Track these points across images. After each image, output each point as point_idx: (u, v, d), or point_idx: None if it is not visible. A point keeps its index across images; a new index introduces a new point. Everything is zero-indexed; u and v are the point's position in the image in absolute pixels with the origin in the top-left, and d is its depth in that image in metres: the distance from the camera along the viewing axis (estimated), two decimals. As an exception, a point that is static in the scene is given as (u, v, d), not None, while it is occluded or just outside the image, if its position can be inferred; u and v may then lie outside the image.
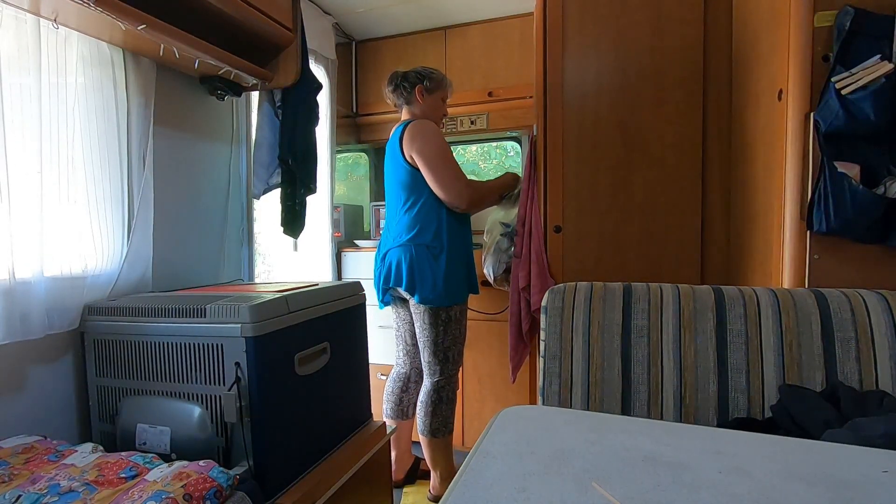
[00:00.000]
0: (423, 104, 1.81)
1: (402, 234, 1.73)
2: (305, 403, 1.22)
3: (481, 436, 0.63)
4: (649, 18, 1.52)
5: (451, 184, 1.66)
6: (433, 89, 1.82)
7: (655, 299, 1.01)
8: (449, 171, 1.67)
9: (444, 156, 1.68)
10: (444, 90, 1.85)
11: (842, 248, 1.03)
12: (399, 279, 1.71)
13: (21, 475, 0.94)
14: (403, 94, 1.81)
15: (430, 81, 1.81)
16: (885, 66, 0.94)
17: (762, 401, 0.92)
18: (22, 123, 1.11)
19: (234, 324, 1.06)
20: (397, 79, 1.82)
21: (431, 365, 1.76)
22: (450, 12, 2.35)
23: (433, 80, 1.81)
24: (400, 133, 1.73)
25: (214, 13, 1.33)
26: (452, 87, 1.89)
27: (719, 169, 1.50)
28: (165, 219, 1.49)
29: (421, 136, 1.69)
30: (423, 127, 1.71)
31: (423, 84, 1.80)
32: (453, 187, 1.66)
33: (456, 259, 1.72)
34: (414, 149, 1.68)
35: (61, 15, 1.12)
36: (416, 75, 1.81)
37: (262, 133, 1.75)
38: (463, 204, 1.68)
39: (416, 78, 1.80)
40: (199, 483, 0.89)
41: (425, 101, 1.81)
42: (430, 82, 1.81)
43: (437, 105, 1.85)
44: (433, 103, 1.83)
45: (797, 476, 0.52)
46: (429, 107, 1.82)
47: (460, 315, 1.76)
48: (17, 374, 1.14)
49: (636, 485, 0.51)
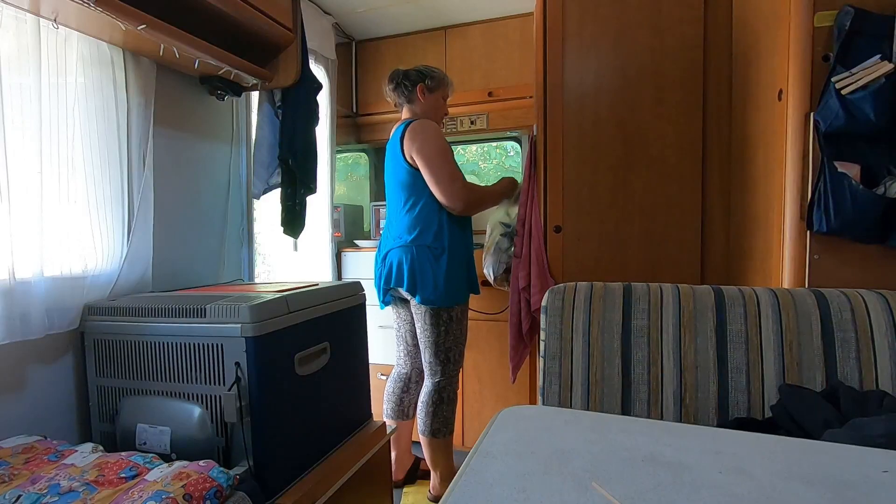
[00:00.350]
0: (424, 103, 1.80)
1: (403, 235, 1.72)
2: (305, 403, 1.22)
3: (481, 436, 0.63)
4: (649, 18, 1.52)
5: (448, 185, 1.66)
6: (434, 88, 1.81)
7: (655, 299, 1.01)
8: (447, 172, 1.67)
9: (443, 156, 1.68)
10: (445, 89, 1.85)
11: (842, 248, 1.03)
12: (400, 280, 1.71)
13: (21, 475, 0.94)
14: (404, 93, 1.80)
15: (431, 80, 1.80)
16: (885, 66, 0.94)
17: (762, 401, 0.92)
18: (22, 123, 1.11)
19: (234, 324, 1.06)
20: (398, 77, 1.81)
21: (433, 365, 1.75)
22: (450, 12, 2.35)
23: (434, 79, 1.81)
24: (401, 133, 1.72)
25: (214, 13, 1.33)
26: (453, 86, 1.89)
27: (719, 169, 1.50)
28: (165, 219, 1.49)
29: (422, 135, 1.68)
30: (424, 127, 1.70)
31: (424, 83, 1.79)
32: (450, 188, 1.66)
33: (457, 259, 1.72)
34: (414, 149, 1.67)
35: (61, 15, 1.12)
36: (418, 74, 1.80)
37: (263, 133, 1.75)
38: (459, 206, 1.67)
39: (418, 76, 1.79)
40: (199, 483, 0.89)
41: (426, 100, 1.80)
42: (431, 81, 1.80)
43: (439, 104, 1.84)
44: (434, 102, 1.82)
45: (797, 476, 0.52)
46: (430, 106, 1.81)
47: (461, 315, 1.76)
48: (17, 374, 1.14)
49: (636, 485, 0.51)
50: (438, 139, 1.69)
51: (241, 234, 1.82)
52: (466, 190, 1.68)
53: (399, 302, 1.85)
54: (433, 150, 1.67)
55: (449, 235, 1.70)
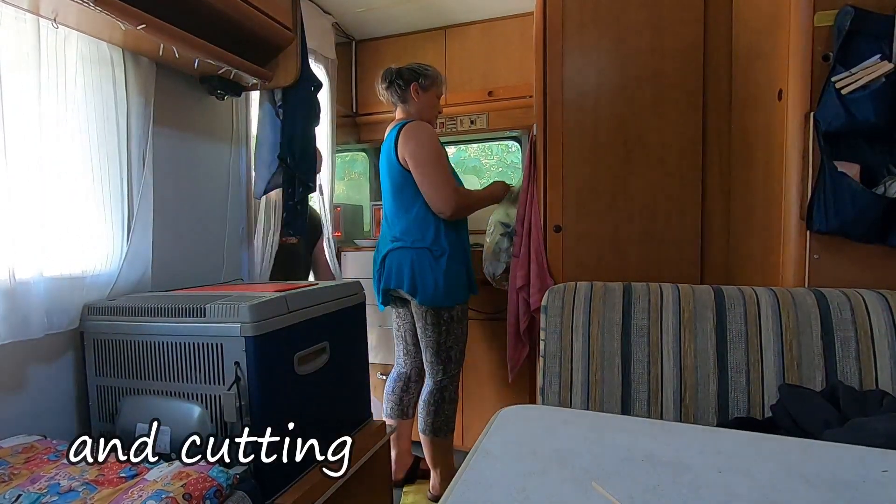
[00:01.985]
0: (418, 102, 1.78)
1: (402, 237, 1.72)
2: (305, 403, 1.22)
3: (481, 436, 0.63)
4: (649, 18, 1.52)
5: (438, 190, 1.65)
6: (428, 87, 1.79)
7: (655, 299, 1.01)
8: (437, 176, 1.66)
9: (435, 161, 1.67)
10: (439, 87, 1.83)
11: (842, 248, 1.03)
12: (400, 281, 1.70)
13: (21, 475, 0.94)
14: (398, 92, 1.78)
15: (425, 79, 1.78)
16: (885, 65, 0.94)
17: (762, 401, 0.92)
18: (22, 123, 1.11)
19: (234, 323, 1.06)
20: (391, 75, 1.79)
21: (434, 365, 1.75)
22: (450, 12, 2.34)
23: (428, 78, 1.79)
24: (395, 135, 1.72)
25: (214, 13, 1.33)
26: (447, 84, 1.86)
27: (719, 169, 1.50)
28: (165, 219, 1.49)
29: (415, 138, 1.67)
30: (418, 130, 1.69)
31: (418, 81, 1.77)
32: (440, 194, 1.65)
33: (456, 260, 1.72)
34: (407, 151, 1.67)
35: (61, 14, 1.12)
36: (411, 72, 1.78)
37: (264, 132, 1.74)
38: (448, 210, 1.66)
39: (411, 75, 1.77)
40: (199, 482, 0.89)
41: (420, 100, 1.78)
42: (425, 80, 1.78)
43: (433, 103, 1.82)
44: (428, 101, 1.80)
45: (797, 476, 0.52)
46: (424, 105, 1.79)
47: (462, 315, 1.76)
48: (16, 374, 1.14)
49: (636, 485, 0.51)
50: (432, 142, 1.68)
51: (241, 233, 1.82)
52: (456, 195, 1.67)
53: (398, 302, 1.85)
54: (425, 155, 1.66)
55: (446, 237, 1.70)
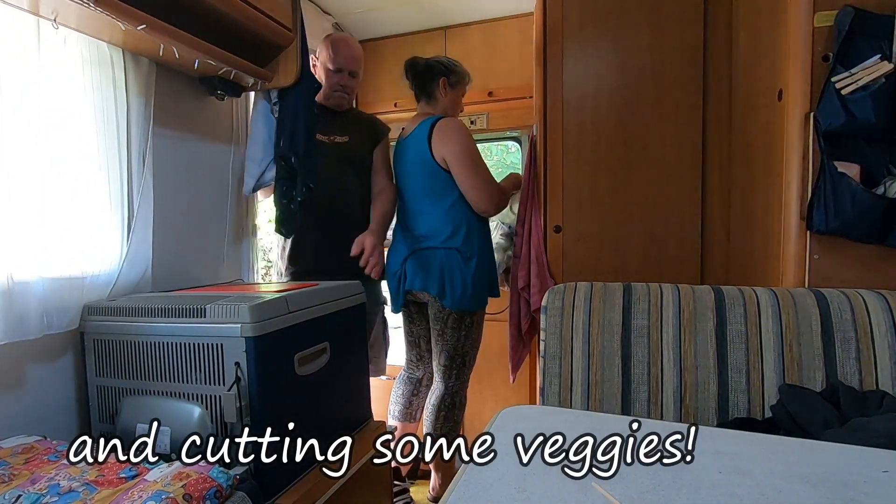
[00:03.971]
0: (445, 99, 1.72)
1: (429, 236, 1.66)
2: (305, 403, 1.22)
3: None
4: (649, 18, 1.52)
5: (485, 188, 1.61)
6: (456, 84, 1.73)
7: (655, 299, 1.01)
8: (483, 176, 1.63)
9: (479, 159, 1.63)
10: (465, 86, 1.78)
11: (842, 248, 1.03)
12: (426, 283, 1.64)
13: (21, 475, 0.94)
14: (424, 86, 1.72)
15: (454, 76, 1.72)
16: (885, 66, 0.94)
17: (762, 401, 0.92)
18: (21, 123, 1.11)
19: (234, 324, 1.06)
20: (418, 66, 1.72)
21: (448, 369, 1.70)
22: (450, 12, 2.34)
23: (457, 75, 1.73)
24: (428, 131, 1.64)
25: (214, 13, 1.33)
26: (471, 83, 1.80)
27: (719, 169, 1.50)
28: (165, 219, 1.48)
29: (456, 137, 1.61)
30: (456, 127, 1.63)
31: (447, 77, 1.70)
32: (486, 192, 1.62)
33: (484, 262, 1.68)
34: (446, 150, 1.60)
35: (61, 15, 1.12)
36: (441, 66, 1.71)
37: (257, 129, 1.72)
38: (493, 209, 1.65)
39: (441, 69, 1.70)
40: (199, 483, 0.89)
41: (447, 97, 1.72)
42: (454, 76, 1.72)
43: (458, 101, 1.77)
44: (455, 99, 1.74)
45: (797, 476, 0.52)
46: (450, 103, 1.73)
47: (481, 319, 1.74)
48: (16, 374, 1.14)
49: (636, 485, 0.51)
50: (471, 141, 1.64)
51: (241, 233, 1.81)
52: (500, 193, 1.66)
53: (413, 306, 1.81)
54: (469, 155, 1.61)
55: (478, 238, 1.67)
